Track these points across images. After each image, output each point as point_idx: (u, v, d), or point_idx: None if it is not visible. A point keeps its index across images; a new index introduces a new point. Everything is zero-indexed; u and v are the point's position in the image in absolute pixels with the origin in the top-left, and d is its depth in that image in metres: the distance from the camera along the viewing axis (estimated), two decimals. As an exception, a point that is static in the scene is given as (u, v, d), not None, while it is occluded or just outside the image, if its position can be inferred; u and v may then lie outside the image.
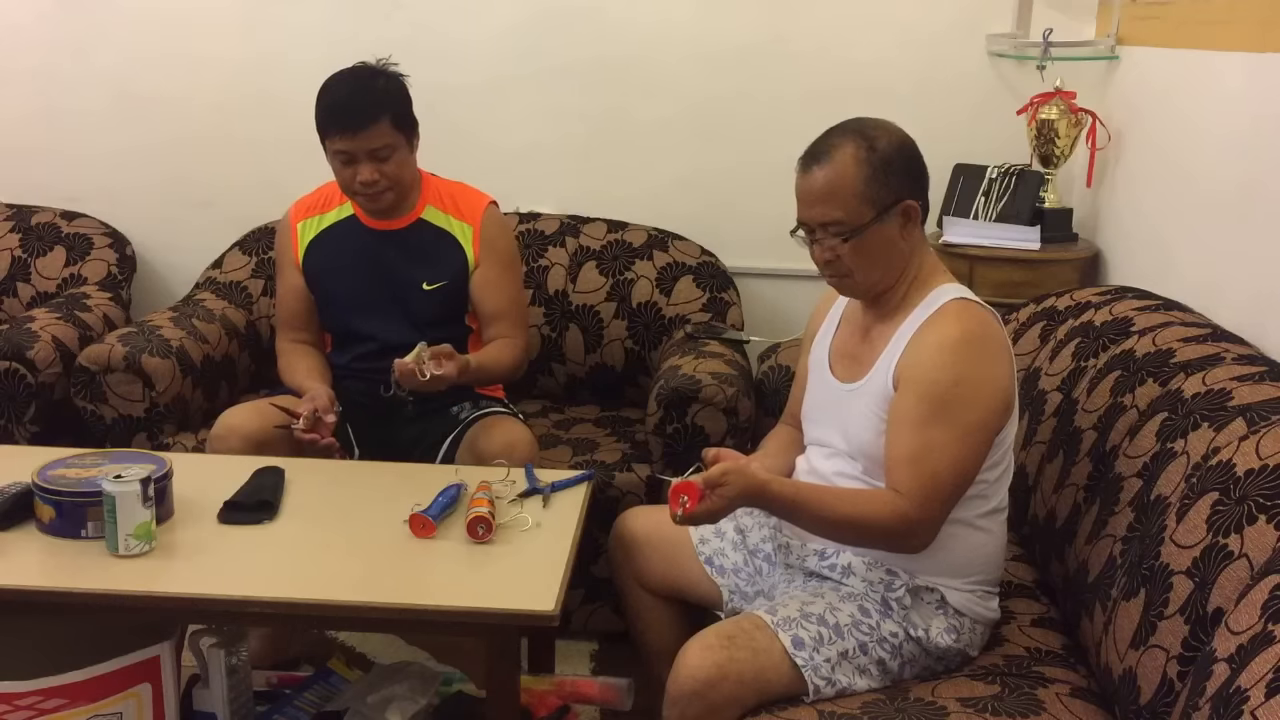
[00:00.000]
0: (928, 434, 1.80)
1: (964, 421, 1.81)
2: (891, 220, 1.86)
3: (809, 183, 1.88)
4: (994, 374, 1.84)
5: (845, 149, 1.85)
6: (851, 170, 1.84)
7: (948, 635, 1.89)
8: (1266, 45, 2.15)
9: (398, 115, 2.48)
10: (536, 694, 2.16)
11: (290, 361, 2.63)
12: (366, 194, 2.51)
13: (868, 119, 1.91)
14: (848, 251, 1.87)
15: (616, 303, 3.16)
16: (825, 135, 1.90)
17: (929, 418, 1.81)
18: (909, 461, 1.81)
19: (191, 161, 3.49)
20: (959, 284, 1.93)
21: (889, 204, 1.85)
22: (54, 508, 1.99)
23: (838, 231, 1.86)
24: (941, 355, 1.82)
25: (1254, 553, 1.49)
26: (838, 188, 1.84)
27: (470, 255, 2.61)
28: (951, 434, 1.80)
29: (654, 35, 3.32)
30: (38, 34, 3.45)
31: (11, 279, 3.33)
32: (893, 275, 1.92)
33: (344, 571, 1.94)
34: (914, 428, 1.82)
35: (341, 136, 2.44)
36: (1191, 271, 2.42)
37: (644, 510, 2.29)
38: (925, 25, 3.26)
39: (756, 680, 1.78)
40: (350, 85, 2.49)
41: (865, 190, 1.84)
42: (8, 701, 1.90)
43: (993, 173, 3.13)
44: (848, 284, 1.94)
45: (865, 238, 1.86)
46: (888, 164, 1.85)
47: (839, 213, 1.85)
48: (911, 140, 1.92)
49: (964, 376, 1.81)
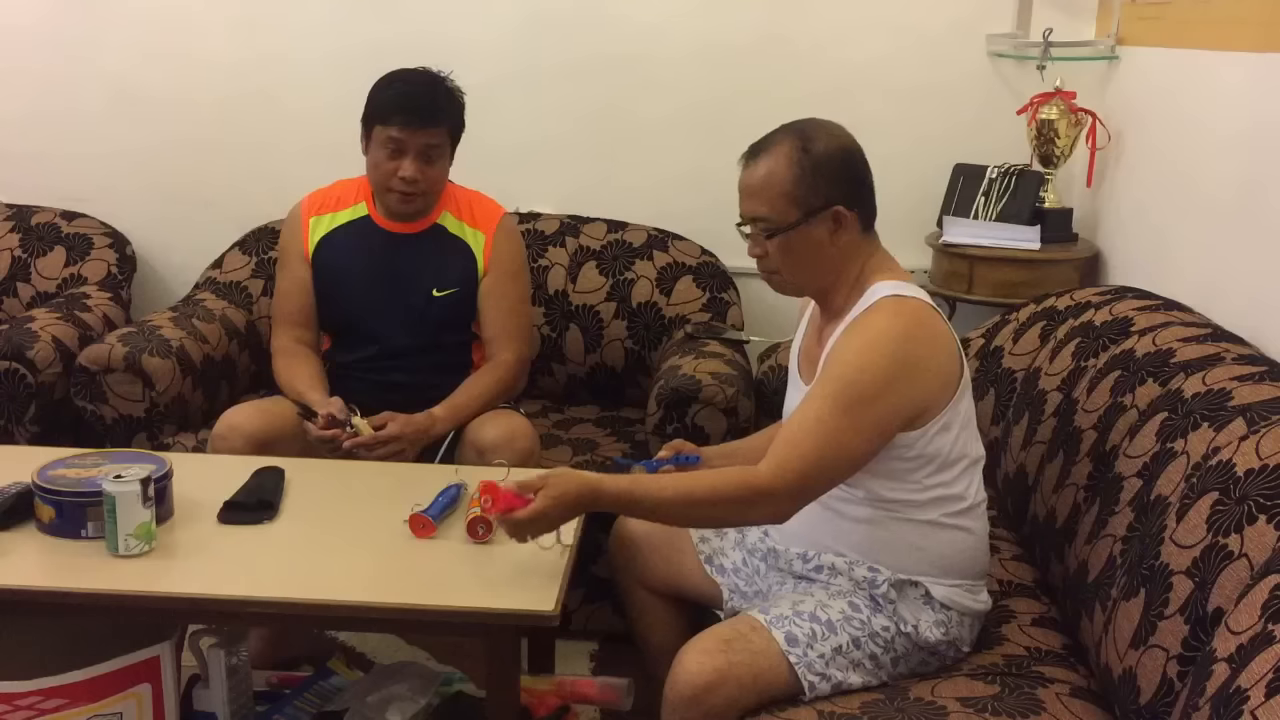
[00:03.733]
0: (813, 409, 1.80)
1: (855, 409, 1.78)
2: (818, 224, 1.86)
3: (745, 176, 1.91)
4: (910, 372, 1.81)
5: (781, 148, 1.86)
6: (782, 170, 1.85)
7: (936, 629, 1.89)
8: (1267, 45, 2.15)
9: (455, 124, 2.56)
10: (536, 694, 2.16)
11: (290, 366, 2.61)
12: (403, 191, 2.52)
13: (816, 120, 1.92)
14: (774, 249, 1.89)
15: (616, 303, 3.16)
16: (771, 132, 1.91)
17: (821, 396, 1.81)
18: (784, 435, 1.82)
19: (191, 161, 3.49)
20: (901, 280, 1.90)
21: (817, 207, 1.86)
22: (54, 508, 1.99)
23: (764, 228, 1.89)
24: (854, 343, 1.83)
25: (1254, 553, 1.49)
26: (767, 185, 1.86)
27: (481, 263, 2.62)
28: (838, 420, 1.78)
29: (654, 34, 3.32)
30: (38, 34, 3.45)
31: (11, 279, 3.33)
32: (822, 278, 1.93)
33: (344, 571, 1.94)
34: (805, 404, 1.83)
35: (402, 127, 2.46)
36: (1191, 271, 2.42)
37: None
38: (925, 25, 3.26)
39: (755, 683, 1.78)
40: (424, 80, 2.54)
41: (793, 191, 1.85)
42: (8, 701, 1.90)
43: (993, 173, 3.13)
44: (776, 280, 1.96)
45: (789, 238, 1.87)
46: (819, 168, 1.85)
47: (765, 209, 1.87)
48: (855, 147, 1.91)
49: (870, 368, 1.79)
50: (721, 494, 1.82)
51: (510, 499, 1.84)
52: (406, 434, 2.42)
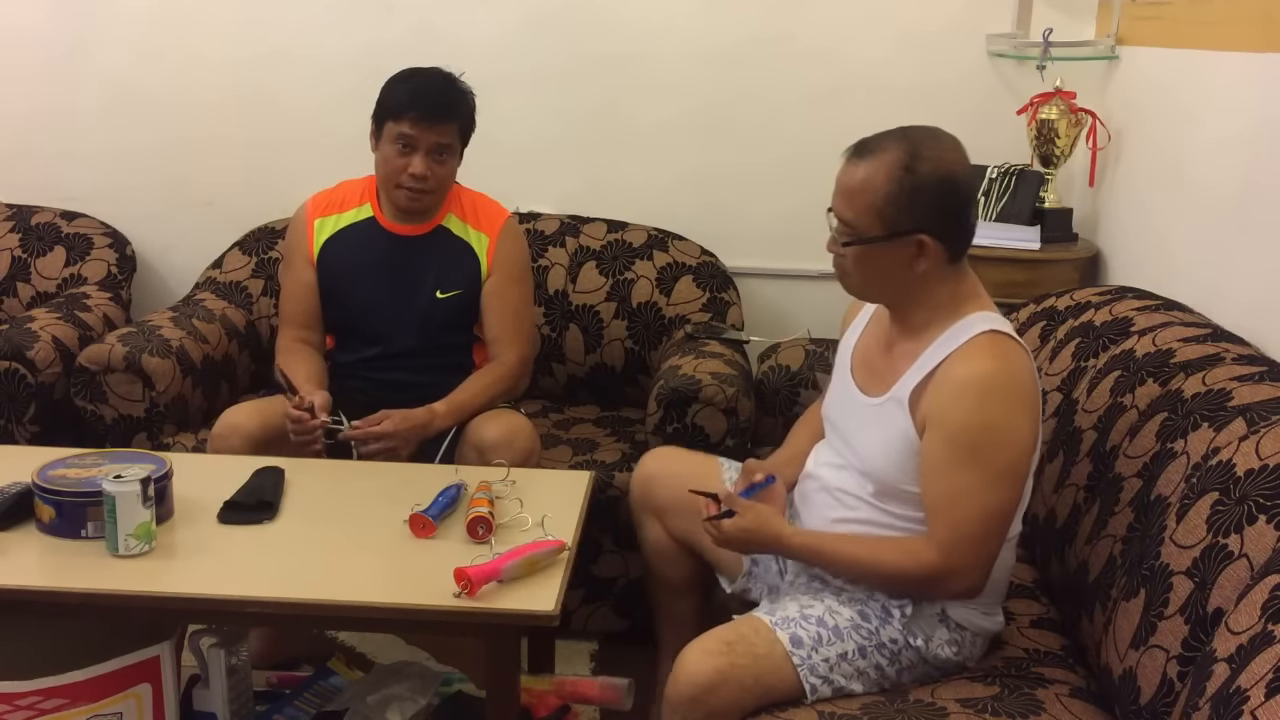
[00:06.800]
0: (954, 480, 1.76)
1: (993, 466, 1.75)
2: (900, 247, 1.80)
3: (843, 174, 1.83)
4: (1022, 415, 1.77)
5: (887, 156, 1.78)
6: (880, 181, 1.77)
7: (949, 648, 1.88)
8: (1266, 45, 2.15)
9: (466, 123, 2.56)
10: (536, 694, 2.16)
11: (290, 362, 2.61)
12: (412, 188, 2.52)
13: (935, 134, 1.83)
14: (850, 255, 1.84)
15: (616, 303, 3.16)
16: (886, 132, 1.82)
17: (956, 462, 1.76)
18: (936, 510, 1.79)
19: (191, 161, 3.49)
20: (994, 312, 1.86)
21: (903, 230, 1.78)
22: (54, 508, 1.99)
23: (844, 232, 1.83)
24: (969, 397, 1.75)
25: (1254, 553, 1.49)
26: (861, 191, 1.79)
27: (484, 265, 2.62)
28: (979, 479, 1.75)
29: (654, 34, 3.31)
30: (38, 34, 3.45)
31: (11, 279, 3.33)
32: (893, 295, 1.88)
33: (344, 571, 1.94)
34: (941, 474, 1.78)
35: (415, 123, 2.47)
36: (1191, 271, 2.42)
37: (669, 455, 2.31)
38: (925, 25, 3.26)
39: (757, 685, 1.78)
40: (439, 79, 2.55)
41: (883, 207, 1.78)
42: (8, 701, 1.90)
43: (993, 173, 3.13)
44: (845, 282, 1.91)
45: (867, 251, 1.82)
46: (918, 191, 1.77)
47: (851, 215, 1.81)
48: (965, 174, 1.84)
49: (991, 420, 1.75)
50: (908, 575, 1.82)
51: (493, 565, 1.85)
52: (401, 430, 2.42)
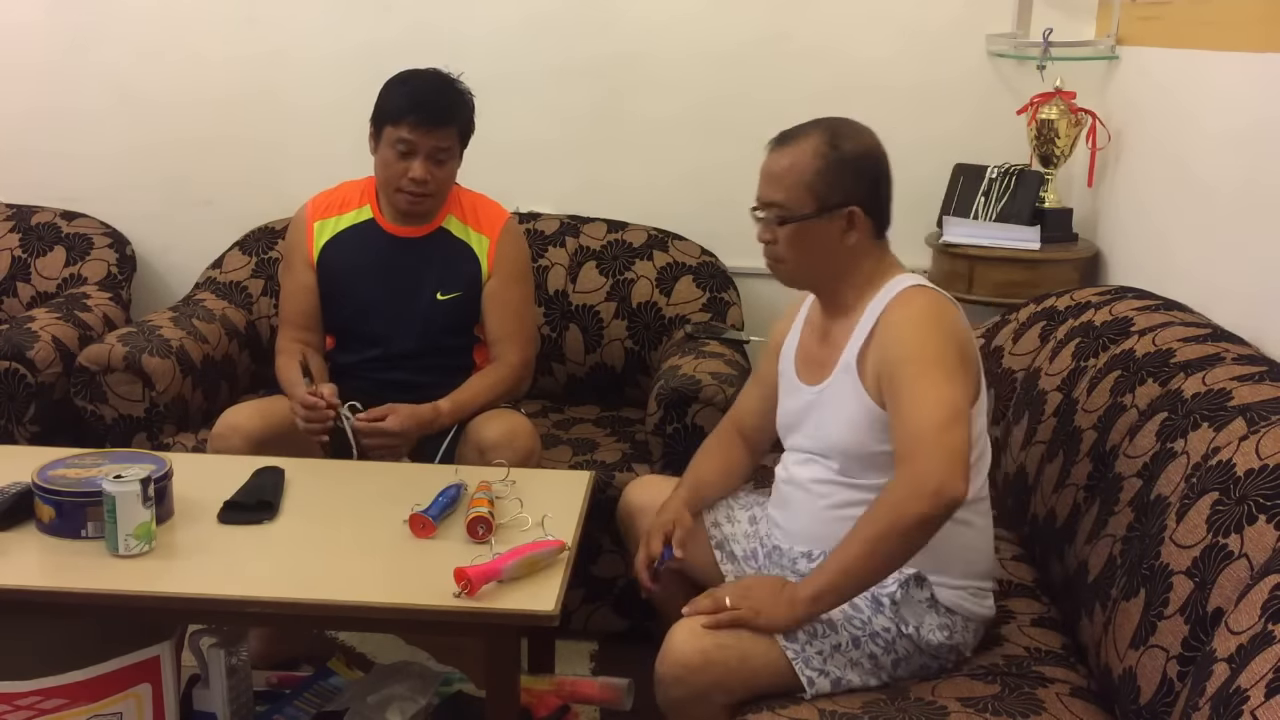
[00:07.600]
0: (916, 390, 1.79)
1: (947, 367, 1.81)
2: (832, 221, 1.89)
3: (769, 161, 1.93)
4: (967, 343, 1.87)
5: (810, 139, 1.89)
6: (807, 161, 1.88)
7: (940, 632, 1.88)
8: (1267, 45, 2.15)
9: (465, 126, 2.55)
10: (536, 694, 2.16)
11: (290, 364, 2.60)
12: (412, 192, 2.51)
13: (849, 121, 1.94)
14: (783, 237, 1.91)
15: (616, 303, 3.16)
16: (803, 123, 1.94)
17: (915, 376, 1.80)
18: (908, 431, 1.79)
19: (191, 161, 3.49)
20: (918, 277, 1.95)
21: (834, 204, 1.88)
22: (54, 508, 1.99)
23: (777, 214, 1.91)
24: (909, 326, 1.85)
25: (1254, 553, 1.49)
26: (788, 173, 1.89)
27: (485, 267, 2.62)
28: (927, 382, 1.79)
29: (654, 34, 3.32)
30: (38, 33, 3.45)
31: (11, 279, 3.33)
32: (824, 273, 1.95)
33: (344, 571, 1.94)
34: (904, 402, 1.81)
35: (414, 127, 2.46)
36: (1191, 271, 2.42)
37: (651, 485, 2.29)
38: (925, 25, 3.26)
39: (742, 668, 1.79)
40: (437, 81, 2.54)
41: (813, 183, 1.87)
42: (8, 701, 1.90)
43: (993, 173, 3.13)
44: (779, 270, 1.97)
45: (800, 229, 1.89)
46: (844, 166, 1.88)
47: (782, 196, 1.90)
48: (882, 154, 1.94)
49: (931, 336, 1.83)
50: (898, 512, 1.76)
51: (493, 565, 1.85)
52: (407, 429, 2.42)
